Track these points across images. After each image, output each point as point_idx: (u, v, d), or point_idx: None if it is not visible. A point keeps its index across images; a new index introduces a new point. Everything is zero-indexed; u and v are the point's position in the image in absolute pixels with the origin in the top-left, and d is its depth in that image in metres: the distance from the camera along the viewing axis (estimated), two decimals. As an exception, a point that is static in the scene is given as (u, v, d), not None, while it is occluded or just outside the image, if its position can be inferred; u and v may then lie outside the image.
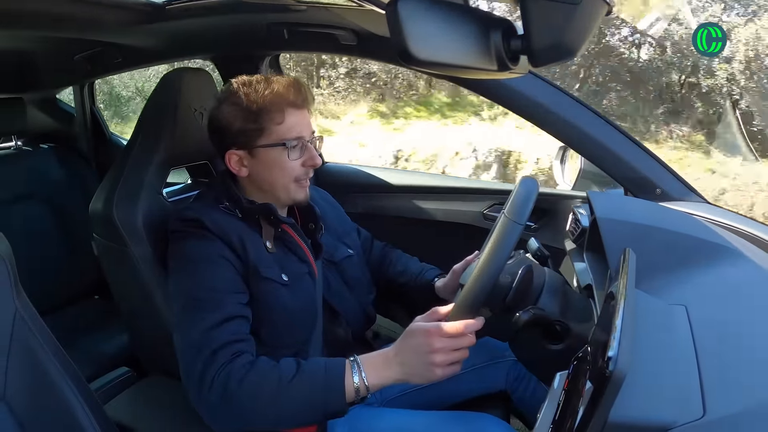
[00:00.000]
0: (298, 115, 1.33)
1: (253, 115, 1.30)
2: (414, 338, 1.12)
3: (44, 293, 2.44)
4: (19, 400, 1.07)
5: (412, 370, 1.12)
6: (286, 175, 1.34)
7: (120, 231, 1.43)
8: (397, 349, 1.15)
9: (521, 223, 1.08)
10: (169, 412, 1.34)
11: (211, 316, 1.20)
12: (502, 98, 1.65)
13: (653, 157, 1.66)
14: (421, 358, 1.10)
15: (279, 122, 1.31)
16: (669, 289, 1.10)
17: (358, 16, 1.54)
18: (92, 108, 2.97)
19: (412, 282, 1.69)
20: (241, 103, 1.31)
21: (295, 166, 1.34)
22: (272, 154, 1.33)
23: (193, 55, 2.27)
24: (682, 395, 0.80)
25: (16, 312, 1.08)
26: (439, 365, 1.10)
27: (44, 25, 1.82)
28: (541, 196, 1.24)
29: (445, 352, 1.10)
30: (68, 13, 1.61)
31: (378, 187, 2.25)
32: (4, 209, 2.63)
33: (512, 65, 0.75)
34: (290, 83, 1.32)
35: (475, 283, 1.09)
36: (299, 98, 1.32)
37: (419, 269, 1.72)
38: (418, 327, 1.13)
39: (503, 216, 1.10)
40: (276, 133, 1.31)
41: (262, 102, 1.29)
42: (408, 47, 0.63)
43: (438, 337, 1.09)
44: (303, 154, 1.35)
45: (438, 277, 1.64)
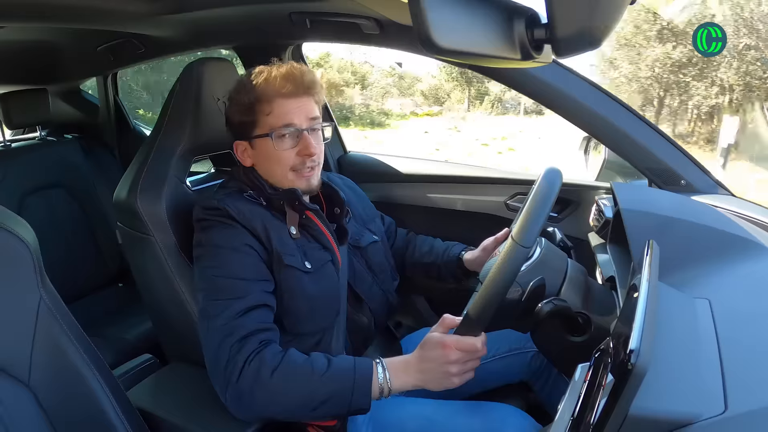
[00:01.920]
0: (288, 104, 1.33)
1: (245, 108, 1.34)
2: (432, 350, 1.15)
3: (69, 281, 2.49)
4: (43, 386, 1.09)
5: (430, 377, 1.16)
6: (282, 164, 1.36)
7: (143, 219, 1.44)
8: (417, 358, 1.18)
9: (528, 246, 1.07)
10: (191, 399, 1.35)
11: (236, 304, 1.21)
12: (525, 87, 1.64)
13: (678, 148, 1.63)
14: (438, 367, 1.14)
15: (267, 113, 1.33)
16: (692, 283, 1.09)
17: (380, 4, 1.54)
18: (116, 98, 3.01)
19: (440, 259, 1.70)
20: (238, 98, 1.35)
21: (288, 156, 1.35)
22: (265, 145, 1.35)
23: (215, 45, 2.27)
24: (703, 390, 0.79)
25: (40, 299, 1.10)
26: (456, 375, 1.14)
27: (67, 17, 1.84)
28: (565, 187, 1.23)
29: (461, 363, 1.14)
30: (91, 4, 1.63)
31: (400, 176, 2.25)
32: (30, 199, 2.67)
33: (536, 54, 0.75)
34: (281, 73, 1.33)
35: (479, 304, 1.09)
36: (287, 88, 1.32)
37: (445, 246, 1.73)
38: (436, 339, 1.16)
39: (510, 239, 1.09)
40: (266, 124, 1.34)
41: (253, 94, 1.33)
42: (430, 36, 0.62)
43: (454, 350, 1.13)
44: (297, 143, 1.35)
45: (465, 251, 1.65)
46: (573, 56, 0.75)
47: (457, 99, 21.40)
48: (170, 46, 2.28)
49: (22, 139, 3.07)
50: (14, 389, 1.06)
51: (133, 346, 2.32)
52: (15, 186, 2.65)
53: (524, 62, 0.76)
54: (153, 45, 2.29)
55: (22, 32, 2.34)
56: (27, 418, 1.07)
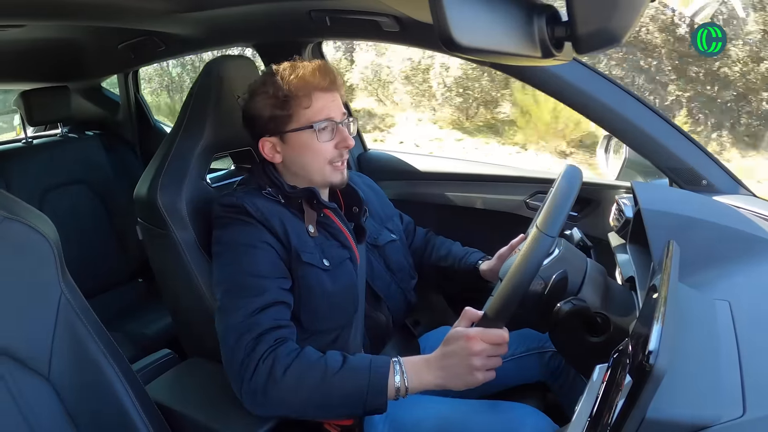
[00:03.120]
0: (325, 98, 1.34)
1: (281, 102, 1.33)
2: (455, 343, 1.14)
3: (89, 276, 2.51)
4: (63, 379, 1.10)
5: (452, 373, 1.14)
6: (319, 157, 1.35)
7: (164, 216, 1.45)
8: (438, 354, 1.17)
9: (553, 236, 1.07)
10: (209, 395, 1.36)
11: (254, 301, 1.21)
12: (546, 85, 1.63)
13: (699, 148, 1.62)
14: (462, 361, 1.12)
15: (306, 106, 1.33)
16: (713, 284, 1.08)
17: (400, 2, 1.53)
18: (137, 95, 3.03)
19: (456, 265, 1.69)
20: (269, 92, 1.33)
21: (326, 148, 1.35)
22: (302, 138, 1.34)
23: (235, 42, 2.28)
24: (722, 393, 0.78)
25: (61, 294, 1.11)
26: (479, 369, 1.12)
27: (88, 15, 1.86)
28: (584, 186, 1.23)
29: (484, 356, 1.12)
30: (112, 3, 1.64)
31: (419, 174, 2.25)
32: (51, 194, 2.71)
33: (556, 52, 0.74)
34: (316, 68, 1.33)
35: (503, 295, 1.09)
36: (325, 81, 1.33)
37: (463, 252, 1.72)
38: (460, 332, 1.14)
39: (534, 227, 1.09)
40: (304, 117, 1.33)
41: (288, 88, 1.32)
42: (451, 33, 0.62)
43: (478, 341, 1.11)
44: (334, 136, 1.36)
45: (482, 260, 1.64)
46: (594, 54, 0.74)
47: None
48: (191, 44, 2.29)
49: (44, 135, 3.11)
50: (34, 382, 1.08)
51: (152, 340, 2.35)
52: (37, 182, 2.69)
53: (545, 60, 0.76)
54: (173, 43, 2.30)
55: (44, 30, 2.36)
56: (46, 410, 1.09)
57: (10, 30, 2.07)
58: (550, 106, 7.46)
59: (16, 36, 2.20)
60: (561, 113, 7.45)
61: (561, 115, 7.47)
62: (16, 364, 1.07)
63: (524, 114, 7.95)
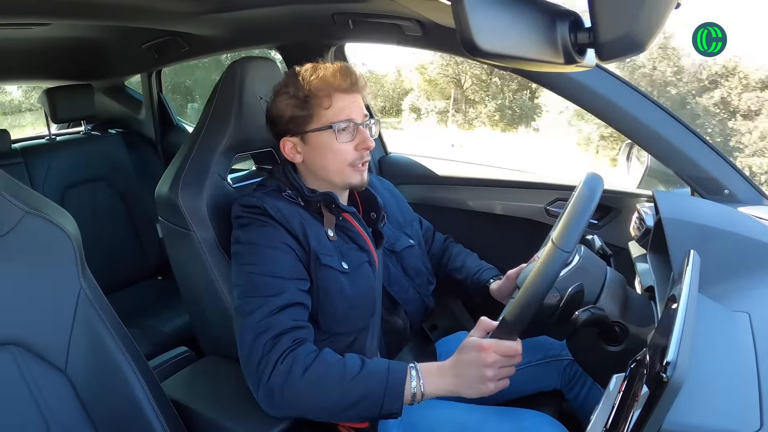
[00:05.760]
0: (346, 99, 1.34)
1: (301, 102, 1.33)
2: (469, 353, 1.14)
3: (109, 273, 2.54)
4: (80, 374, 1.12)
5: (465, 382, 1.14)
6: (339, 158, 1.35)
7: (184, 215, 1.46)
8: (453, 362, 1.17)
9: (568, 251, 1.06)
10: (224, 393, 1.37)
11: (272, 301, 1.22)
12: (568, 92, 1.62)
13: (722, 157, 1.60)
14: (475, 371, 1.13)
15: (327, 107, 1.32)
16: (733, 296, 1.07)
17: (423, 6, 1.54)
18: (159, 95, 3.05)
19: (469, 280, 1.68)
20: (290, 92, 1.33)
21: (346, 150, 1.35)
22: (322, 139, 1.34)
23: (258, 44, 2.30)
24: (739, 405, 0.78)
25: (80, 290, 1.12)
26: (492, 379, 1.12)
27: (113, 15, 1.88)
28: (605, 194, 1.22)
29: (497, 367, 1.12)
30: (137, 3, 1.66)
31: (439, 178, 2.25)
32: (73, 191, 2.75)
33: (579, 58, 0.74)
34: (337, 69, 1.33)
35: (517, 308, 1.09)
36: (346, 82, 1.33)
37: (477, 268, 1.70)
38: (474, 342, 1.15)
39: (550, 241, 1.08)
40: (324, 118, 1.33)
41: (309, 88, 1.32)
42: (473, 39, 0.62)
43: (491, 352, 1.12)
44: (354, 137, 1.35)
45: (494, 279, 1.63)
46: (617, 61, 0.74)
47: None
48: (214, 45, 2.31)
49: (67, 133, 3.15)
50: (51, 375, 1.10)
51: (169, 338, 2.36)
52: (59, 178, 2.72)
53: (567, 66, 0.75)
54: (197, 43, 2.33)
55: (70, 29, 2.40)
56: (62, 403, 1.10)
57: (36, 28, 2.10)
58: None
59: (41, 34, 2.23)
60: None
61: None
62: (33, 356, 1.08)
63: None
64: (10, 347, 1.06)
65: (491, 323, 1.19)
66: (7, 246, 1.07)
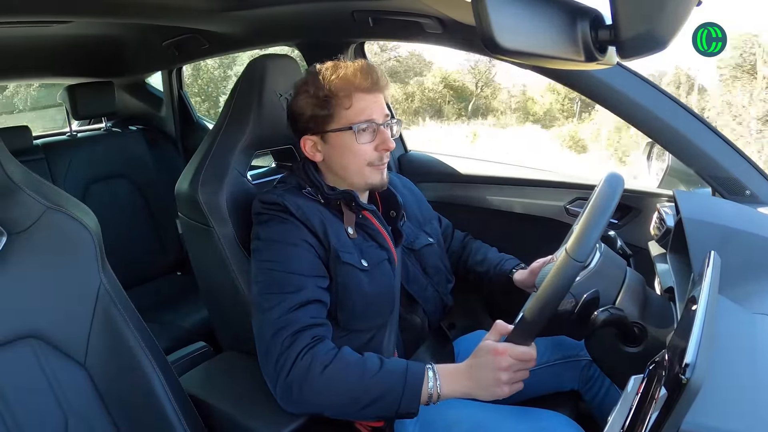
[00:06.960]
0: (367, 99, 1.33)
1: (321, 102, 1.32)
2: (484, 356, 1.14)
3: (129, 268, 2.56)
4: (99, 367, 1.13)
5: (480, 384, 1.15)
6: (358, 159, 1.35)
7: (204, 211, 1.47)
8: (468, 365, 1.17)
9: (581, 261, 1.04)
10: (242, 389, 1.37)
11: (291, 297, 1.22)
12: (588, 90, 1.61)
13: (743, 157, 1.58)
14: (489, 374, 1.13)
15: (347, 107, 1.32)
16: (753, 297, 1.06)
17: (443, 3, 1.53)
18: (180, 92, 3.07)
19: (492, 271, 1.67)
20: (310, 91, 1.33)
21: (366, 150, 1.34)
22: (342, 139, 1.34)
23: (278, 42, 2.31)
24: (758, 409, 0.77)
25: (100, 284, 1.14)
26: (506, 383, 1.12)
27: (134, 12, 1.90)
28: (626, 193, 1.21)
29: (511, 371, 1.12)
30: (157, 1, 1.67)
31: (459, 176, 2.24)
32: (94, 187, 2.78)
33: (600, 56, 0.73)
34: (358, 68, 1.32)
35: (531, 314, 1.08)
36: (367, 82, 1.32)
37: (498, 259, 1.70)
38: (489, 345, 1.15)
39: (564, 252, 1.07)
40: (345, 118, 1.32)
41: (329, 88, 1.31)
42: (494, 36, 0.62)
43: (506, 356, 1.12)
44: (375, 137, 1.35)
45: (516, 268, 1.63)
46: (638, 58, 0.73)
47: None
48: (234, 43, 2.32)
49: (88, 129, 3.18)
50: (70, 368, 1.11)
51: (188, 333, 2.38)
52: (80, 174, 2.76)
53: (588, 64, 0.75)
54: (217, 41, 2.34)
55: (90, 27, 2.42)
56: (81, 396, 1.12)
57: (57, 25, 2.12)
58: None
59: (63, 31, 2.26)
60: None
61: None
62: (53, 349, 1.09)
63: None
64: (30, 340, 1.08)
65: (507, 327, 1.19)
66: (29, 241, 1.08)
